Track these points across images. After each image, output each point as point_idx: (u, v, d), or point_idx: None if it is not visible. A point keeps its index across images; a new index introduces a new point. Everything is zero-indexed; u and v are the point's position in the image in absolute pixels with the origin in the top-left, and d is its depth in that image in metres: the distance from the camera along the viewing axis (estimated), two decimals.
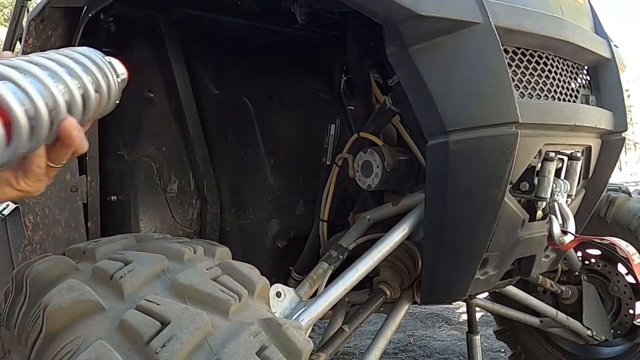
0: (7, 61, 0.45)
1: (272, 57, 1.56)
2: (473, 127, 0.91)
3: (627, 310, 1.81)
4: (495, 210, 0.99)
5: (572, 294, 1.80)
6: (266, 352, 0.62)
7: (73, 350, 0.60)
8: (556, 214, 1.05)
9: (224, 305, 0.66)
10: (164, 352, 0.56)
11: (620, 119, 1.23)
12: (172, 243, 0.82)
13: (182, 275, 0.69)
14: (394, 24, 0.88)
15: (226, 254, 0.87)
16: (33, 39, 1.15)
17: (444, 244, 1.03)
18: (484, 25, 0.90)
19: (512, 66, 0.98)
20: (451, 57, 0.90)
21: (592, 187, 1.29)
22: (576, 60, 1.17)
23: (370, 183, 1.18)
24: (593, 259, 1.85)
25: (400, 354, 2.66)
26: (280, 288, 0.99)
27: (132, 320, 0.60)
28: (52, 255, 0.81)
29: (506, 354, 2.31)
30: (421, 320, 3.22)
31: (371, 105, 1.32)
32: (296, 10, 1.09)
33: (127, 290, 0.66)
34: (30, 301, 0.74)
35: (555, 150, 1.06)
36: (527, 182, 1.04)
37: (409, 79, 0.94)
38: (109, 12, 1.23)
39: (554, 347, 1.95)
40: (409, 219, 1.11)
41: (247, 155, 1.48)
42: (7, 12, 11.84)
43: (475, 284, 1.13)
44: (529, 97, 1.00)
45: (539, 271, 1.33)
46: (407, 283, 1.22)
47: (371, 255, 1.06)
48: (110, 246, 0.80)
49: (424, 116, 0.94)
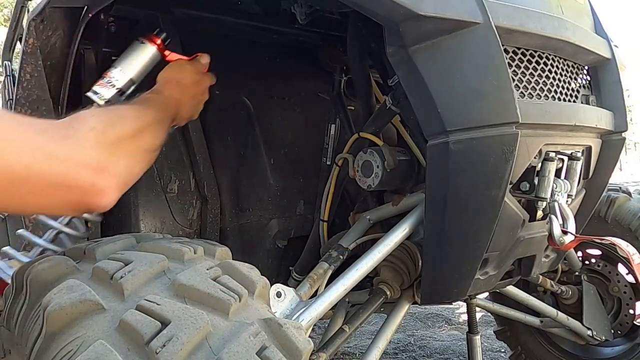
0: None
1: (272, 57, 1.56)
2: (473, 127, 0.91)
3: (627, 311, 1.81)
4: (496, 210, 0.99)
5: (572, 294, 1.80)
6: (266, 352, 0.62)
7: (73, 350, 0.60)
8: (556, 214, 1.05)
9: (224, 305, 0.66)
10: (164, 352, 0.56)
11: (620, 119, 1.23)
12: (172, 243, 0.82)
13: (183, 275, 0.69)
14: (394, 24, 0.88)
15: (226, 254, 0.87)
16: (33, 39, 1.15)
17: (444, 244, 1.03)
18: (484, 25, 0.90)
19: (512, 66, 0.98)
20: (451, 57, 0.90)
21: (593, 187, 1.29)
22: (576, 60, 1.17)
23: (371, 183, 1.18)
24: (593, 259, 1.85)
25: (401, 354, 2.66)
26: (281, 288, 0.99)
27: (132, 320, 0.60)
28: (52, 255, 0.81)
29: (506, 354, 2.31)
30: (421, 321, 3.22)
31: (371, 105, 1.32)
32: (296, 11, 1.09)
33: (127, 290, 0.66)
34: (31, 301, 0.74)
35: (556, 150, 1.06)
36: (527, 182, 1.04)
37: (409, 79, 0.94)
38: (109, 12, 1.23)
39: (554, 347, 1.95)
40: (409, 219, 1.11)
41: (247, 155, 1.48)
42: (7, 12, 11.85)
43: (476, 284, 1.13)
44: (529, 97, 1.00)
45: (539, 271, 1.33)
46: (407, 283, 1.22)
47: (371, 255, 1.06)
48: (111, 246, 0.80)
49: (424, 116, 0.94)
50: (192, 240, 0.91)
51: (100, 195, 0.71)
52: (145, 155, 0.84)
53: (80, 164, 0.69)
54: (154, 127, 0.87)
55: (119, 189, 0.75)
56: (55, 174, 0.66)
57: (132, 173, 0.79)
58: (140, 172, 0.83)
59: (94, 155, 0.71)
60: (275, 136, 1.49)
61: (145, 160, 0.84)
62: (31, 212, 0.72)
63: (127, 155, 0.77)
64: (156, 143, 0.88)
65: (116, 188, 0.74)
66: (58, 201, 0.68)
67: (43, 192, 0.65)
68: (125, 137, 0.78)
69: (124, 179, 0.76)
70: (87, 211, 0.74)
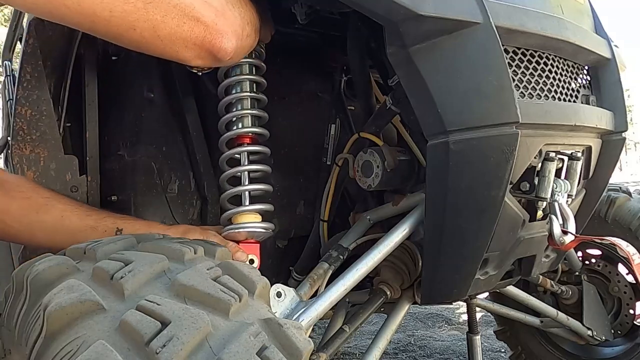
0: None
1: (272, 57, 1.55)
2: (473, 127, 0.91)
3: (627, 311, 1.81)
4: (496, 210, 0.99)
5: (572, 294, 1.80)
6: (266, 352, 0.62)
7: (73, 351, 0.60)
8: (556, 214, 1.05)
9: (225, 305, 0.66)
10: (164, 352, 0.56)
11: (620, 119, 1.23)
12: (173, 243, 0.82)
13: (183, 276, 0.69)
14: (394, 24, 0.88)
15: (226, 254, 0.87)
16: (33, 39, 1.15)
17: (444, 244, 1.03)
18: (484, 25, 0.90)
19: (512, 66, 0.98)
20: (451, 57, 0.90)
21: (593, 187, 1.29)
22: (576, 60, 1.17)
23: (371, 183, 1.19)
24: (593, 259, 1.85)
25: (401, 354, 2.66)
26: (281, 288, 0.99)
27: (132, 321, 0.60)
28: (52, 255, 0.81)
29: (506, 354, 2.31)
30: (421, 321, 3.22)
31: (371, 105, 1.32)
32: (296, 10, 1.09)
33: (128, 290, 0.66)
34: (31, 301, 0.74)
35: (556, 150, 1.06)
36: (527, 182, 1.04)
37: (409, 79, 0.94)
38: None
39: (554, 347, 1.96)
40: (409, 219, 1.11)
41: None
42: (7, 12, 11.85)
43: (476, 284, 1.13)
44: (529, 97, 1.00)
45: (539, 271, 1.33)
46: (407, 283, 1.22)
47: (371, 255, 1.06)
48: (111, 246, 0.80)
49: (424, 116, 0.94)
50: (192, 240, 0.91)
51: (221, 36, 0.80)
52: (251, 24, 0.93)
53: (204, 2, 0.78)
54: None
55: (235, 36, 0.84)
56: (184, 3, 0.75)
57: (244, 29, 0.88)
58: (249, 36, 0.92)
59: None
60: (275, 136, 1.49)
61: (252, 26, 0.93)
62: (164, 43, 0.76)
63: (238, 8, 0.87)
64: (255, 21, 0.95)
65: (233, 34, 0.83)
66: (187, 31, 0.76)
67: (174, 19, 0.74)
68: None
69: (238, 29, 0.86)
70: (215, 53, 0.82)
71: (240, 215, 1.09)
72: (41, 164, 1.17)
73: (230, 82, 1.12)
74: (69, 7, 0.67)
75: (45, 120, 1.17)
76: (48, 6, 0.67)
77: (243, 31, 0.88)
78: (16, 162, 1.16)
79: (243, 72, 1.12)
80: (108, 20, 0.70)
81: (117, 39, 0.76)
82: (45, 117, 1.17)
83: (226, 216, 1.10)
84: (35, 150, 1.17)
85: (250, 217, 1.08)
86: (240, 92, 1.12)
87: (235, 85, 1.13)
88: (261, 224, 1.09)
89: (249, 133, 1.13)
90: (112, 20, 0.70)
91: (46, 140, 1.18)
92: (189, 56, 0.82)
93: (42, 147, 1.17)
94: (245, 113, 1.12)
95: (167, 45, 0.77)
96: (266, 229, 1.09)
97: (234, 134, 1.12)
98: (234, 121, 1.13)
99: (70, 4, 0.67)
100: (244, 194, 1.10)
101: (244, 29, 0.88)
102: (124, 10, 0.70)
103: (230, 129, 1.13)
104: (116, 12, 0.70)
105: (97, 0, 0.68)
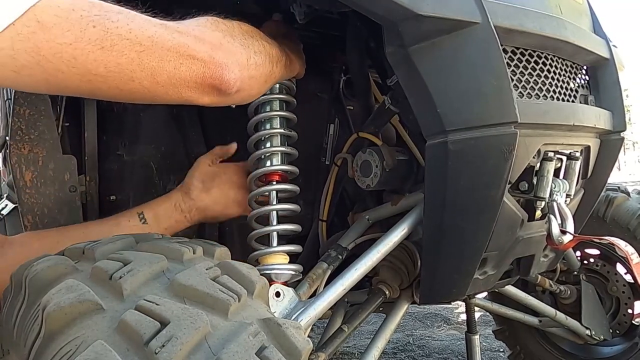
0: None
1: None
2: (472, 127, 0.91)
3: (625, 310, 1.82)
4: (494, 210, 0.99)
5: (571, 293, 1.80)
6: (266, 352, 0.62)
7: (72, 351, 0.60)
8: (555, 214, 1.05)
9: (224, 305, 0.66)
10: (163, 352, 0.56)
11: (619, 118, 1.24)
12: (172, 243, 0.82)
13: (182, 275, 0.69)
14: (393, 24, 0.88)
15: (225, 254, 0.87)
16: None
17: (443, 243, 1.03)
18: (483, 25, 0.90)
19: (511, 66, 0.98)
20: (450, 57, 0.91)
21: (591, 187, 1.29)
22: (575, 60, 1.17)
23: (370, 183, 1.19)
24: (592, 259, 1.86)
25: (399, 354, 2.66)
26: (280, 288, 0.99)
27: (131, 320, 0.60)
28: (51, 255, 0.81)
29: (505, 353, 2.31)
30: (420, 320, 3.22)
31: (370, 105, 1.32)
32: (295, 10, 1.09)
33: (127, 290, 0.66)
34: (29, 301, 0.74)
35: (554, 150, 1.06)
36: (526, 181, 1.04)
37: (408, 79, 0.94)
38: None
39: (552, 347, 1.96)
40: (408, 219, 1.11)
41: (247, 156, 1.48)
42: None
43: (474, 284, 1.13)
44: (527, 97, 1.00)
45: (538, 271, 1.33)
46: (406, 283, 1.23)
47: (370, 255, 1.06)
48: (110, 246, 0.80)
49: (423, 116, 0.94)
50: (191, 240, 0.91)
51: (221, 68, 0.80)
52: (263, 54, 0.92)
53: (198, 38, 0.78)
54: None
55: (238, 66, 0.83)
56: (177, 44, 0.75)
57: (249, 58, 0.87)
58: (260, 65, 0.90)
59: (209, 33, 0.81)
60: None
61: (264, 56, 0.92)
62: (165, 88, 0.76)
63: (241, 39, 0.87)
64: (273, 53, 0.96)
65: (235, 64, 0.82)
66: (185, 71, 0.76)
67: (170, 62, 0.74)
68: (239, 33, 0.89)
69: (241, 58, 0.85)
70: (218, 87, 0.81)
71: (269, 257, 1.06)
72: (39, 163, 1.17)
73: (259, 118, 1.12)
74: (64, 71, 0.65)
75: (43, 119, 1.17)
76: (44, 75, 0.65)
77: (248, 60, 0.86)
78: (14, 162, 1.16)
79: (273, 108, 1.12)
80: (105, 76, 0.69)
81: (119, 94, 0.74)
82: (44, 117, 1.17)
83: (253, 257, 1.08)
84: (33, 149, 1.17)
85: (279, 259, 1.06)
86: (269, 129, 1.12)
87: (265, 122, 1.13)
88: (289, 266, 1.06)
89: (278, 171, 1.13)
90: (109, 75, 0.69)
91: (45, 139, 1.17)
92: (194, 95, 0.80)
93: (40, 146, 1.17)
94: (275, 150, 1.12)
95: (169, 89, 0.76)
96: (295, 271, 1.07)
97: (262, 171, 1.12)
98: (263, 159, 1.13)
99: (64, 68, 0.65)
100: (272, 234, 1.08)
101: (249, 58, 0.86)
102: (118, 63, 0.68)
103: (260, 167, 1.12)
104: (111, 67, 0.68)
105: (91, 59, 0.66)
